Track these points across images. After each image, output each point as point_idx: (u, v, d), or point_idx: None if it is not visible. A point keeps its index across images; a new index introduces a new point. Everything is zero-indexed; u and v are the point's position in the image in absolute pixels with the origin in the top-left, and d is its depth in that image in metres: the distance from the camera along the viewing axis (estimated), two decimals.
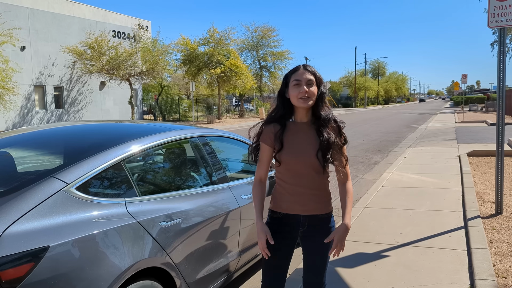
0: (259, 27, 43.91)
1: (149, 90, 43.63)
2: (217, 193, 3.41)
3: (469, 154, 11.57)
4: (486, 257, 4.19)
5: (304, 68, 2.36)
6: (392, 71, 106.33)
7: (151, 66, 27.80)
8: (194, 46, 33.47)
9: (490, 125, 22.07)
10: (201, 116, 39.03)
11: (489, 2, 5.72)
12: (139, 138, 3.00)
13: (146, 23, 33.08)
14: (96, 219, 2.38)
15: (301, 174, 2.36)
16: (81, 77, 28.17)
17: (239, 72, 33.30)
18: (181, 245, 2.86)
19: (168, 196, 2.96)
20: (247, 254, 3.74)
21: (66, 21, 26.94)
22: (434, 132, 19.91)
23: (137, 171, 3.02)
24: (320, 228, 2.44)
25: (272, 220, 2.47)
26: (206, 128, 3.89)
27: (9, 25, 21.37)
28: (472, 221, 5.40)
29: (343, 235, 2.37)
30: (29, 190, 2.26)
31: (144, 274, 2.60)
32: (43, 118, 26.22)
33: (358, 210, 6.17)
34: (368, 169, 10.34)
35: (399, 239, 4.94)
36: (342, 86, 79.28)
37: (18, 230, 2.06)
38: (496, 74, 5.77)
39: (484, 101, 50.08)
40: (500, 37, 5.71)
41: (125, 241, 2.46)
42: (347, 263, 4.26)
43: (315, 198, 2.40)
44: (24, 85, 24.47)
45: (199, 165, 3.55)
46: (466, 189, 7.24)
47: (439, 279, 3.84)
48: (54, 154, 2.96)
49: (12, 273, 1.97)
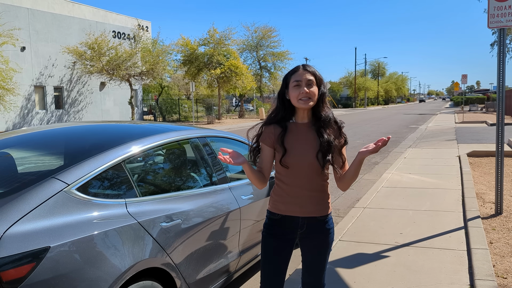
0: (259, 28, 43.99)
1: (149, 91, 43.64)
2: (217, 194, 3.41)
3: (469, 154, 11.58)
4: (486, 258, 4.19)
5: (304, 68, 2.35)
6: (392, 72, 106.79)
7: (151, 67, 27.81)
8: (194, 47, 33.49)
9: (490, 125, 22.07)
10: (201, 117, 39.03)
11: (488, 2, 5.72)
12: (139, 139, 3.00)
13: (146, 23, 33.11)
14: (97, 219, 2.38)
15: (301, 175, 2.35)
16: (81, 77, 28.18)
17: (239, 73, 33.32)
18: (181, 245, 2.87)
19: (168, 196, 2.96)
20: (247, 255, 3.74)
21: (66, 21, 26.95)
22: (434, 132, 19.91)
23: (138, 172, 3.03)
24: (319, 230, 2.43)
25: (270, 221, 2.47)
26: (206, 129, 3.90)
27: (9, 25, 21.37)
28: (472, 221, 5.41)
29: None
30: (30, 191, 2.27)
31: (144, 275, 2.61)
32: (43, 118, 26.23)
33: (358, 211, 6.17)
34: (368, 170, 10.34)
35: (399, 239, 4.94)
36: (342, 86, 79.27)
37: (19, 231, 2.07)
38: (496, 75, 5.78)
39: (484, 102, 50.09)
40: (499, 37, 5.71)
41: (126, 241, 2.46)
42: (347, 263, 4.27)
43: (315, 199, 2.39)
44: (24, 85, 24.48)
45: (199, 165, 3.56)
46: (466, 189, 7.24)
47: (439, 279, 3.85)
48: (54, 155, 2.97)
49: (13, 273, 1.97)
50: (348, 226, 5.43)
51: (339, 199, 7.27)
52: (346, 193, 7.67)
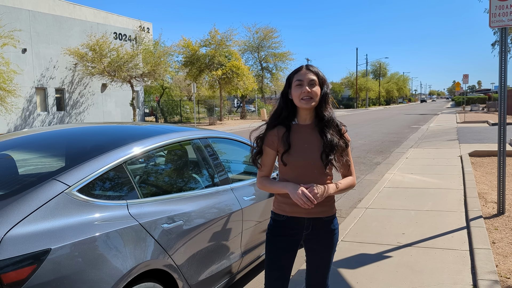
0: (260, 28, 44.06)
1: (150, 92, 43.66)
2: (219, 195, 3.41)
3: (471, 154, 11.55)
4: (489, 257, 4.18)
5: (307, 68, 2.34)
6: (394, 72, 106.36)
7: (153, 68, 27.83)
8: (195, 48, 33.49)
9: (491, 125, 22.02)
10: (203, 118, 39.04)
11: (490, 2, 5.71)
12: (141, 140, 3.00)
13: (148, 25, 33.13)
14: (98, 221, 2.38)
15: (305, 176, 2.33)
16: (82, 79, 28.21)
17: (240, 74, 33.31)
18: (183, 247, 2.86)
19: (170, 198, 2.96)
20: (249, 256, 3.73)
21: (67, 23, 26.98)
22: (435, 132, 19.88)
23: (139, 173, 3.02)
24: (324, 230, 2.43)
25: (275, 223, 2.45)
26: (207, 130, 3.89)
27: (10, 27, 21.41)
28: (474, 221, 5.39)
29: (321, 190, 2.26)
30: (31, 193, 2.26)
31: (146, 276, 2.60)
32: (45, 120, 26.26)
33: (360, 211, 6.16)
34: (370, 170, 10.33)
35: (401, 239, 4.93)
36: (343, 87, 79.23)
37: (19, 233, 2.06)
38: (498, 74, 5.76)
39: (486, 101, 50.01)
40: (501, 37, 5.70)
41: (127, 243, 2.45)
42: (349, 264, 4.26)
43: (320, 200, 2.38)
44: (25, 87, 24.51)
45: (201, 166, 3.55)
46: (468, 189, 7.22)
47: (441, 279, 3.83)
48: (55, 156, 2.96)
49: (14, 275, 1.97)
50: (350, 226, 5.42)
51: (341, 199, 7.26)
52: (348, 193, 7.66)
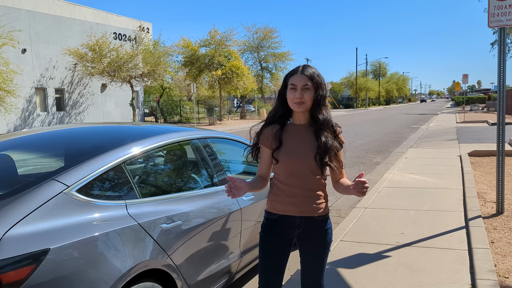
0: (260, 28, 44.06)
1: (150, 92, 43.65)
2: (218, 195, 3.41)
3: (470, 154, 11.56)
4: (487, 257, 4.18)
5: (302, 72, 2.33)
6: (393, 72, 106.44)
7: (152, 68, 27.82)
8: (195, 48, 33.49)
9: (491, 125, 22.03)
10: (203, 118, 39.04)
11: (489, 1, 5.72)
12: (140, 140, 3.01)
13: (147, 25, 33.13)
14: (97, 221, 2.38)
15: (298, 175, 2.36)
16: (82, 79, 28.20)
17: (240, 74, 33.32)
18: (182, 246, 2.87)
19: (169, 198, 2.96)
20: (248, 256, 3.74)
21: (67, 23, 26.97)
22: (435, 132, 19.89)
23: (138, 173, 3.03)
24: (317, 230, 2.43)
25: (268, 221, 2.47)
26: (207, 130, 3.90)
27: (10, 27, 21.40)
28: (473, 221, 5.40)
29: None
30: (30, 193, 2.27)
31: (145, 276, 2.61)
32: (45, 120, 26.26)
33: (360, 211, 6.17)
34: (369, 170, 10.33)
35: (400, 239, 4.94)
36: (343, 87, 79.23)
37: (18, 233, 2.07)
38: (497, 74, 5.77)
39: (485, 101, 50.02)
40: (500, 36, 5.70)
41: (126, 243, 2.46)
42: (348, 263, 4.26)
43: (312, 199, 2.39)
44: (25, 87, 24.51)
45: (200, 166, 3.56)
46: (467, 189, 7.23)
47: (440, 279, 3.84)
48: (55, 157, 2.97)
49: (13, 275, 1.97)
50: (349, 226, 5.43)
51: (340, 199, 7.27)
52: None
